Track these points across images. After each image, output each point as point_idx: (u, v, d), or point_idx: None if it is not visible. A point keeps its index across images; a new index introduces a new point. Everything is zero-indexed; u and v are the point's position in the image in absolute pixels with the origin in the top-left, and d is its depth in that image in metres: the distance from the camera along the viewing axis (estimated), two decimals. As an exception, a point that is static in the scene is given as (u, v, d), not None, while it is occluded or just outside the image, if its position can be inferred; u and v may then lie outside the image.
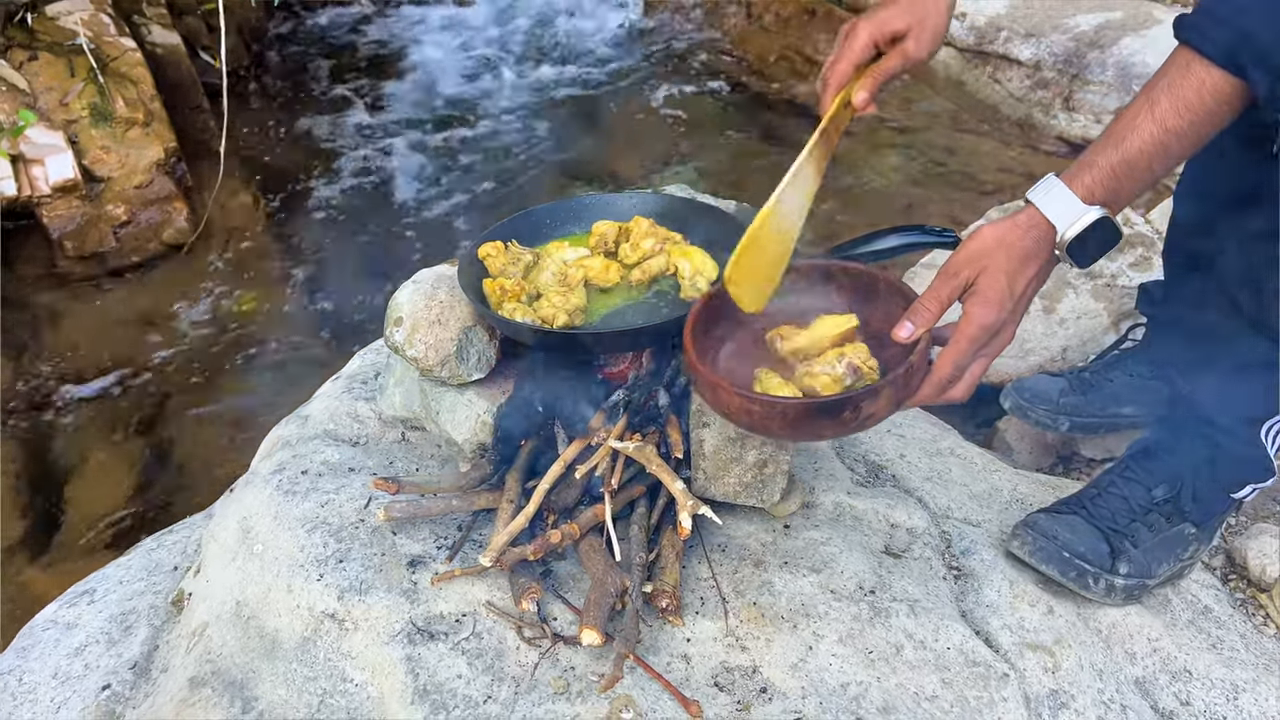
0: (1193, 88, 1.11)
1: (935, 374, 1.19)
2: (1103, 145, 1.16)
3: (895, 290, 1.30)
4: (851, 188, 3.47)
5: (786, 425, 1.19)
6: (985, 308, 1.16)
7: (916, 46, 1.33)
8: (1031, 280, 1.19)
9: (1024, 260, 1.17)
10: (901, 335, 1.20)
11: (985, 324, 1.16)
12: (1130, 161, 1.14)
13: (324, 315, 3.05)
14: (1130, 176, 1.15)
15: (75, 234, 3.17)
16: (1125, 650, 1.46)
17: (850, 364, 1.22)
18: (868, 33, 1.33)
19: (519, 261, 1.55)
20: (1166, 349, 1.86)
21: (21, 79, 3.27)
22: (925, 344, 1.20)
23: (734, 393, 1.18)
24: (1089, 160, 1.16)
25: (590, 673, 1.28)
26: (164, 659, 1.47)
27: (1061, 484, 1.81)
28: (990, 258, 1.17)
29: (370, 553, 1.41)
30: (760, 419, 1.19)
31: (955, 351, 1.18)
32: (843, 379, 1.21)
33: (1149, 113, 1.13)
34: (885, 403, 1.17)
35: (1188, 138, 1.13)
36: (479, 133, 3.97)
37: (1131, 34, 3.65)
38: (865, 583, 1.42)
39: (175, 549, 1.68)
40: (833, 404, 1.16)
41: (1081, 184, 1.16)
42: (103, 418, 2.64)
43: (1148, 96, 1.14)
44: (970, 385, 1.22)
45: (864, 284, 1.34)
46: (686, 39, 4.61)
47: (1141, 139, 1.13)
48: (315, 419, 1.69)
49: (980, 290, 1.16)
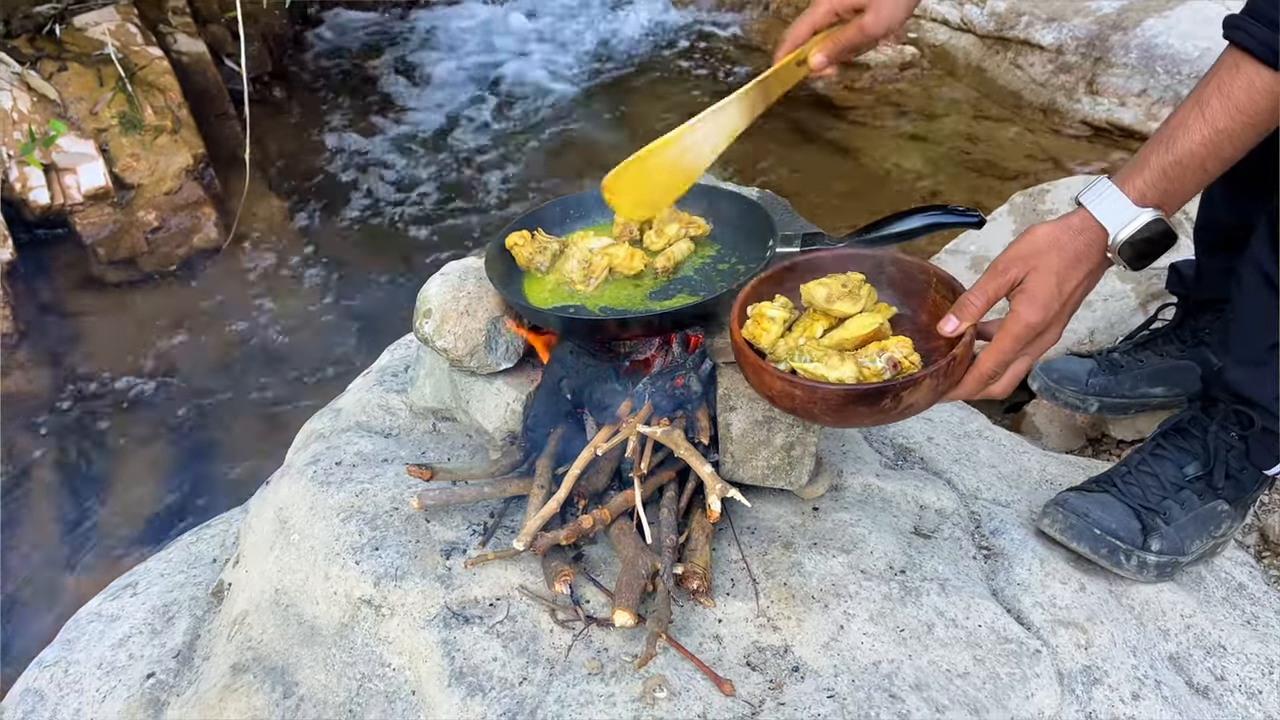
0: (1243, 88, 1.11)
1: (978, 368, 1.20)
2: (1153, 147, 1.16)
3: (944, 284, 1.30)
4: (874, 175, 3.47)
5: (828, 410, 1.20)
6: (1032, 307, 1.16)
7: (874, 21, 1.37)
8: (1081, 282, 1.19)
9: (1075, 262, 1.17)
10: (946, 329, 1.21)
11: (1031, 323, 1.17)
12: (1182, 163, 1.14)
13: (352, 313, 3.09)
14: (1182, 178, 1.15)
15: (108, 240, 3.22)
16: (1158, 627, 1.46)
17: (890, 358, 1.22)
18: (829, 1, 1.38)
19: (545, 250, 1.56)
20: (1198, 329, 1.85)
21: (52, 89, 3.33)
22: (969, 338, 1.20)
23: (777, 376, 1.19)
24: (1140, 162, 1.16)
25: (623, 653, 1.30)
26: (206, 647, 1.50)
27: (1091, 465, 1.81)
28: (1041, 258, 1.17)
29: (405, 540, 1.43)
30: (802, 403, 1.20)
31: (999, 348, 1.18)
32: (882, 374, 1.21)
33: (1199, 114, 1.13)
34: (926, 393, 1.18)
35: (1239, 138, 1.13)
36: (501, 129, 4.00)
37: (1155, 15, 3.62)
38: (895, 563, 1.42)
39: (214, 541, 1.72)
40: (873, 391, 1.17)
41: (1134, 186, 1.16)
42: (138, 417, 2.69)
43: (1198, 97, 1.14)
44: (1012, 382, 1.22)
45: (914, 276, 1.35)
46: (710, 31, 4.62)
47: (1193, 140, 1.13)
48: (348, 412, 1.72)
49: (1029, 289, 1.17)
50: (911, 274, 1.36)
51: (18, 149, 3.14)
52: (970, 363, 1.21)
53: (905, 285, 1.36)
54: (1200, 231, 1.79)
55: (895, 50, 4.14)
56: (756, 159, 3.49)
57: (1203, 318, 1.85)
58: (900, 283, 1.36)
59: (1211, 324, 1.84)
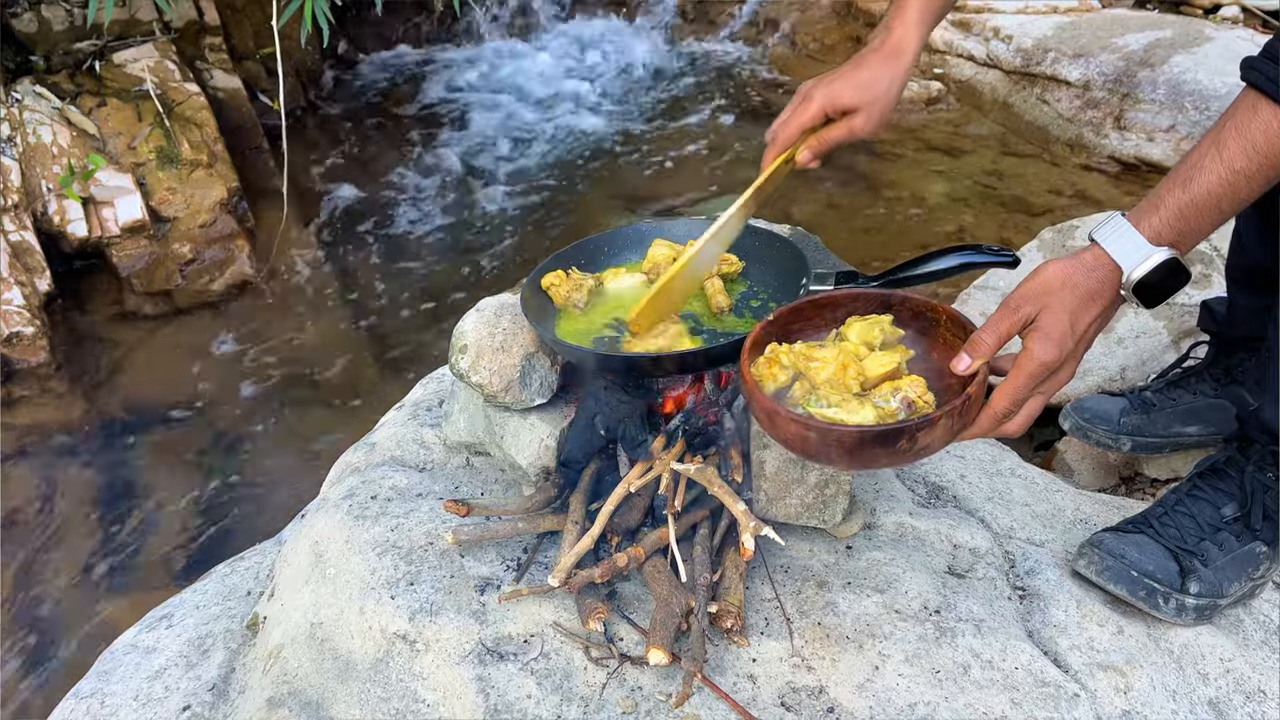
0: (1260, 130, 1.11)
1: (992, 407, 1.18)
2: (1170, 186, 1.16)
3: (955, 322, 1.29)
4: (901, 212, 3.48)
5: (843, 453, 1.18)
6: (1046, 345, 1.15)
7: (864, 123, 1.43)
8: (1095, 320, 1.18)
9: (1088, 299, 1.16)
10: (959, 368, 1.20)
11: (1045, 361, 1.15)
12: (1198, 203, 1.14)
13: (383, 345, 3.12)
14: (1198, 217, 1.14)
15: (143, 272, 3.28)
16: (1198, 670, 1.44)
17: (905, 398, 1.21)
18: (819, 103, 1.43)
19: (581, 287, 1.58)
20: (1231, 367, 1.84)
21: (91, 124, 3.41)
22: (983, 376, 1.19)
23: (790, 419, 1.18)
24: (1156, 201, 1.16)
25: (657, 692, 1.30)
26: (241, 680, 1.51)
27: (1125, 504, 1.79)
28: (1054, 295, 1.16)
29: (440, 575, 1.44)
30: (816, 446, 1.18)
31: (1013, 386, 1.17)
32: (896, 414, 1.21)
33: (1216, 154, 1.13)
34: (941, 433, 1.16)
35: (1256, 179, 1.13)
36: (528, 165, 4.04)
37: (1183, 52, 3.63)
38: (930, 603, 1.42)
39: (248, 574, 1.73)
40: (888, 433, 1.15)
41: (1149, 225, 1.15)
42: (172, 448, 2.72)
43: (1215, 138, 1.14)
44: (1026, 421, 1.21)
45: (924, 315, 1.34)
46: (732, 67, 4.67)
47: (1209, 180, 1.13)
48: (382, 446, 1.73)
49: (1042, 327, 1.16)
50: (921, 312, 1.34)
51: (57, 182, 3.21)
52: (984, 401, 1.21)
53: (915, 324, 1.35)
54: (1233, 270, 1.78)
55: (921, 86, 4.16)
56: (779, 193, 3.51)
57: (1236, 356, 1.84)
58: (910, 321, 1.35)
59: (1245, 362, 1.83)
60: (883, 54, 1.43)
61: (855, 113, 1.42)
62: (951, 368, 1.21)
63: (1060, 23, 4.08)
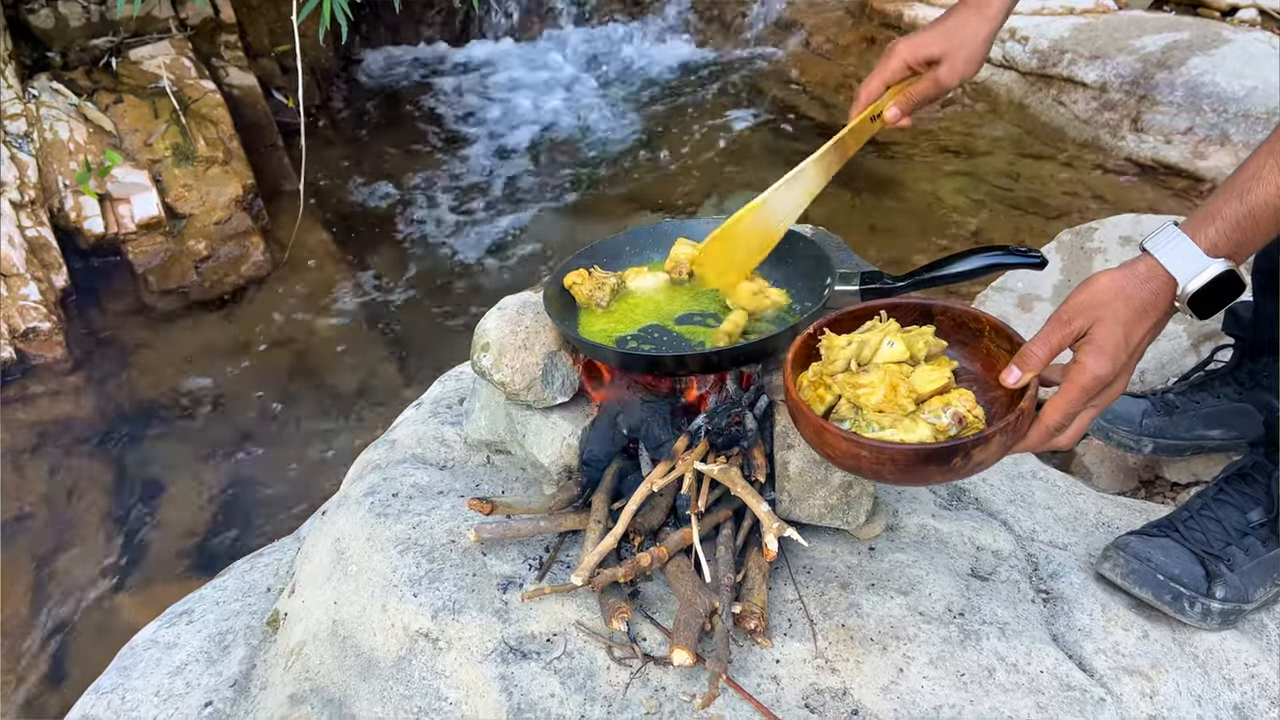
0: None
1: (1043, 421, 1.17)
2: (1225, 197, 1.14)
3: (999, 333, 1.27)
4: (916, 212, 3.48)
5: (896, 470, 1.16)
6: (1100, 358, 1.14)
7: (949, 72, 1.40)
8: (1148, 332, 1.16)
9: (1141, 312, 1.15)
10: (1009, 381, 1.18)
11: (1099, 375, 1.14)
12: (1255, 214, 1.12)
13: (397, 342, 3.12)
14: (1255, 229, 1.13)
15: (159, 269, 3.29)
16: (1223, 675, 1.43)
17: (956, 413, 1.19)
18: (903, 55, 1.41)
19: (604, 286, 1.58)
20: (1256, 371, 1.83)
21: (108, 121, 3.41)
22: (1034, 390, 1.17)
23: (841, 437, 1.16)
24: (1212, 211, 1.14)
25: (681, 693, 1.29)
26: (262, 677, 1.51)
27: (1147, 507, 1.78)
28: (1106, 308, 1.14)
29: (462, 573, 1.43)
30: (869, 464, 1.17)
31: (1066, 400, 1.16)
32: (947, 430, 1.19)
33: (1275, 165, 1.11)
34: (995, 449, 1.15)
35: None
36: (544, 165, 4.05)
37: (1200, 54, 3.62)
38: (954, 605, 1.41)
39: (267, 570, 1.73)
40: (944, 450, 1.14)
41: (1205, 236, 1.14)
42: (188, 444, 2.72)
43: (1271, 148, 1.12)
44: (1076, 434, 1.20)
45: (967, 325, 1.31)
46: (748, 69, 4.66)
47: (1267, 191, 1.11)
48: (402, 443, 1.73)
49: (1095, 340, 1.14)
50: (964, 322, 1.31)
51: (74, 179, 3.22)
52: (1035, 414, 1.19)
53: (956, 334, 1.32)
54: (1258, 275, 1.77)
55: (936, 87, 4.15)
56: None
57: (1261, 360, 1.83)
58: (951, 331, 1.32)
59: (1270, 367, 1.82)
60: (969, 4, 1.42)
61: (939, 63, 1.40)
62: (1001, 380, 1.19)
63: (1077, 24, 4.06)
